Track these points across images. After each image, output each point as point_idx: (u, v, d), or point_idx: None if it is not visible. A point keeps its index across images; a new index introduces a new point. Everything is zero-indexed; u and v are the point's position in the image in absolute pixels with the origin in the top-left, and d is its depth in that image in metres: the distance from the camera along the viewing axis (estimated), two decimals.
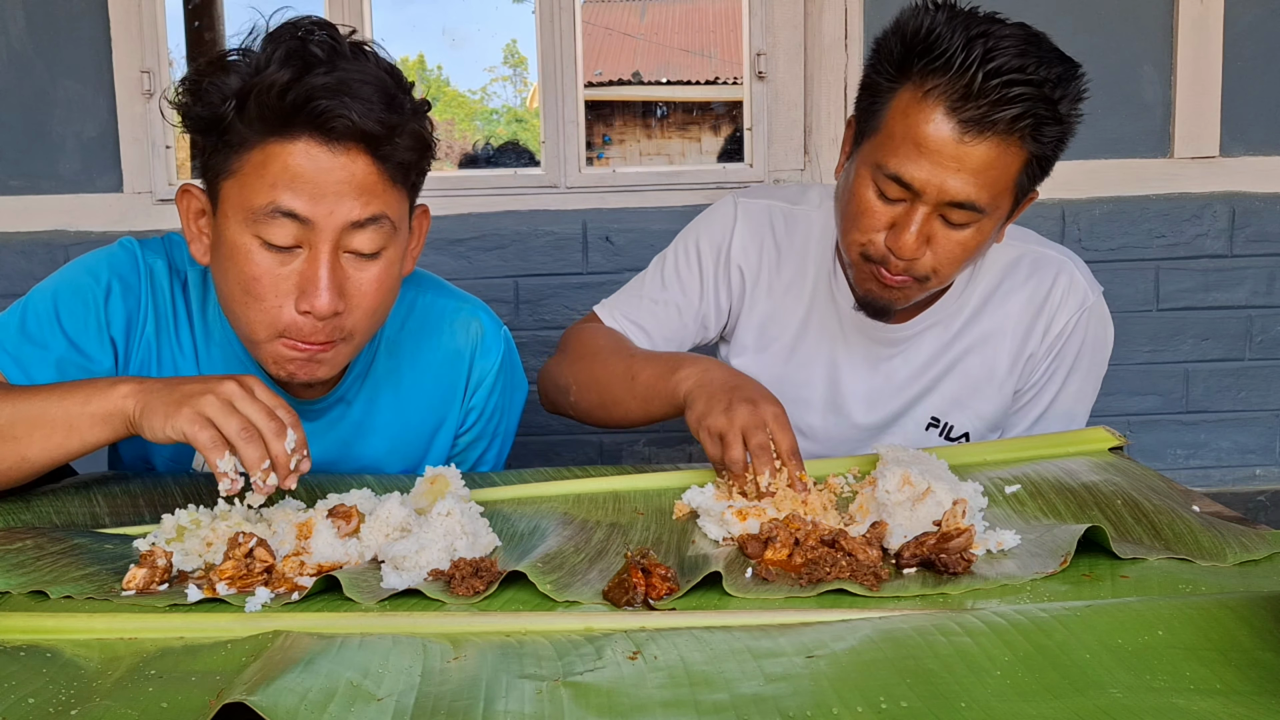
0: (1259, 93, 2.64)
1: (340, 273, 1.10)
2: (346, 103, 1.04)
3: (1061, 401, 1.44)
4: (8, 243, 2.56)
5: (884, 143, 1.22)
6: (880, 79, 1.23)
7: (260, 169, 1.06)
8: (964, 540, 0.89)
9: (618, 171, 2.68)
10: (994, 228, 1.26)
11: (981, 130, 1.16)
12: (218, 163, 1.09)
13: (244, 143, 1.07)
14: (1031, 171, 1.23)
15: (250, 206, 1.07)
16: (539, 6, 2.59)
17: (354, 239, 1.09)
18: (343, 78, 1.05)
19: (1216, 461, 2.77)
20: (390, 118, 1.07)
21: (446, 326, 1.35)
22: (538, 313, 2.63)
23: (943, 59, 1.15)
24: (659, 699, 0.66)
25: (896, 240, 1.23)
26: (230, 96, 1.06)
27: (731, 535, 0.99)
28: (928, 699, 0.63)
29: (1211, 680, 0.66)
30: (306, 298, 1.08)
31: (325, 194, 1.06)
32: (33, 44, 2.53)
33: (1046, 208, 2.65)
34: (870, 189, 1.24)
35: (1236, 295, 2.70)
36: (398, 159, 1.10)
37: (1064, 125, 1.21)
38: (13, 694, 0.69)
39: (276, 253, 1.08)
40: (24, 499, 1.11)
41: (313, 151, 1.06)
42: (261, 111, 1.04)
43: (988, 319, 1.42)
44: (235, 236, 1.09)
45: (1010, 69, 1.14)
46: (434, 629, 0.80)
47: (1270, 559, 0.92)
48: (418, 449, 1.36)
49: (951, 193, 1.19)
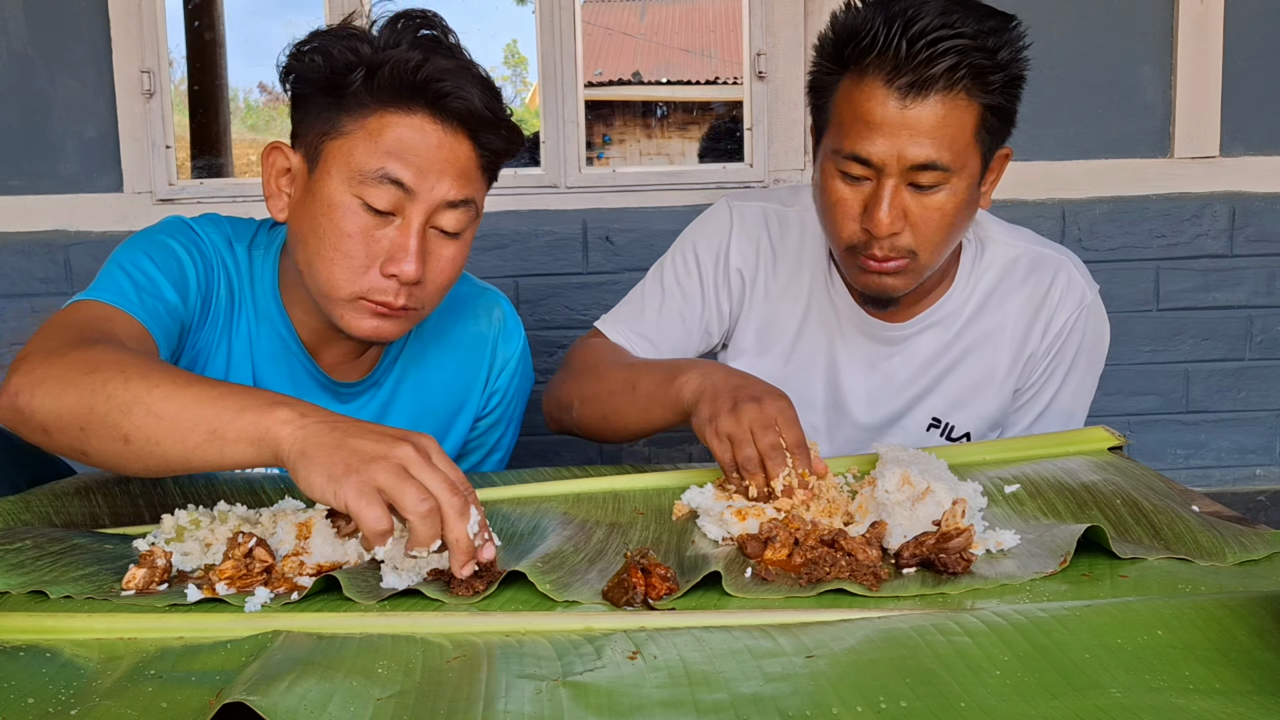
0: (1259, 93, 2.64)
1: (426, 245, 1.16)
2: (465, 87, 1.13)
3: (1061, 399, 1.44)
4: (8, 243, 2.56)
5: (836, 131, 1.25)
6: (822, 76, 1.28)
7: (375, 135, 1.13)
8: (963, 540, 0.89)
9: (618, 171, 2.68)
10: (968, 189, 1.26)
11: (921, 91, 1.18)
12: (325, 121, 1.15)
13: (363, 108, 1.13)
14: (990, 124, 1.24)
15: (358, 168, 1.13)
16: (539, 6, 2.60)
17: (443, 217, 1.16)
18: (461, 65, 1.15)
19: (1216, 461, 2.77)
20: (497, 107, 1.16)
21: (470, 311, 1.40)
22: (538, 313, 2.63)
23: (868, 38, 1.20)
24: (658, 699, 0.66)
25: (871, 219, 1.23)
26: (362, 64, 1.12)
27: (731, 535, 0.99)
28: (927, 699, 0.63)
29: (1211, 680, 0.66)
30: (395, 262, 1.14)
31: (430, 169, 1.13)
32: (33, 44, 2.53)
33: (1046, 208, 2.65)
34: (836, 179, 1.26)
35: (1236, 295, 2.70)
36: (494, 148, 1.18)
37: (1007, 71, 1.21)
38: (13, 694, 0.69)
39: (374, 215, 1.14)
40: (24, 499, 1.11)
41: (426, 128, 1.13)
42: (392, 82, 1.12)
43: (987, 318, 1.42)
44: (335, 194, 1.14)
45: (933, 27, 1.17)
46: (434, 629, 0.80)
47: (1270, 559, 0.92)
48: (438, 431, 1.38)
49: (911, 156, 1.20)
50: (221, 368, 1.27)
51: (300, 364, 1.29)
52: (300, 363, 1.29)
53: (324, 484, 0.85)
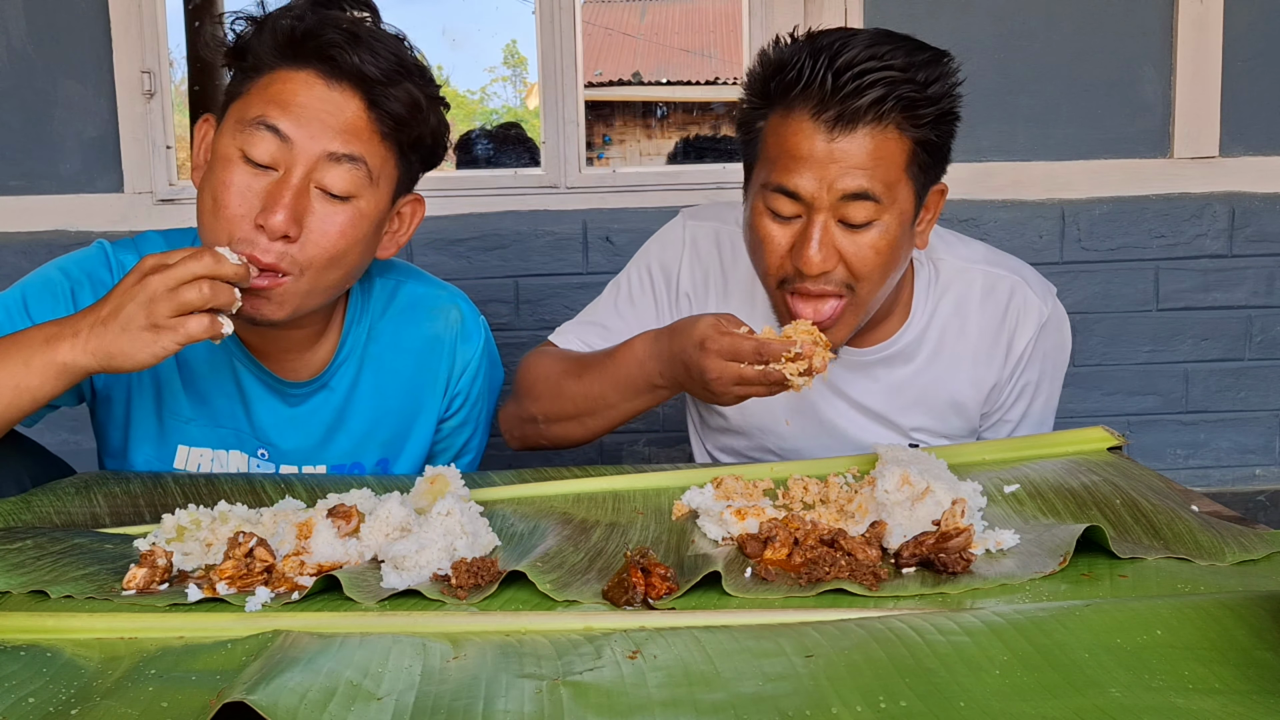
0: (1259, 93, 2.64)
1: (303, 202, 1.14)
2: (355, 46, 1.14)
3: (1032, 413, 1.45)
4: (8, 243, 2.56)
5: (764, 165, 1.23)
6: (750, 112, 1.26)
7: (263, 90, 1.16)
8: (963, 540, 0.89)
9: (618, 171, 2.68)
10: (900, 226, 1.22)
11: (848, 124, 1.17)
12: (233, 87, 1.18)
13: (259, 68, 1.16)
14: (922, 161, 1.21)
15: (242, 118, 1.15)
16: (539, 6, 2.59)
17: (327, 175, 1.15)
18: (359, 29, 1.16)
19: (1216, 461, 2.77)
20: (391, 72, 1.15)
21: (425, 313, 1.37)
22: (538, 313, 2.63)
23: (794, 71, 1.18)
24: (658, 698, 0.66)
25: (801, 257, 1.20)
26: (255, 25, 1.17)
27: (731, 535, 0.99)
28: (927, 698, 0.63)
29: (1210, 679, 0.66)
30: (265, 213, 1.13)
31: (311, 120, 1.14)
32: (33, 44, 2.53)
33: (1046, 208, 2.65)
34: (765, 216, 1.23)
35: (1236, 295, 2.70)
36: (390, 110, 1.16)
37: (939, 106, 1.19)
38: (13, 694, 0.69)
39: (252, 168, 1.14)
40: (24, 499, 1.11)
41: (311, 81, 1.15)
42: (275, 38, 1.14)
43: (948, 349, 1.40)
44: (222, 148, 1.16)
45: (860, 59, 1.16)
46: (434, 629, 0.80)
47: (1269, 559, 0.92)
48: (397, 435, 1.37)
49: (840, 187, 1.18)
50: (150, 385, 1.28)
51: (243, 366, 1.28)
52: (242, 365, 1.28)
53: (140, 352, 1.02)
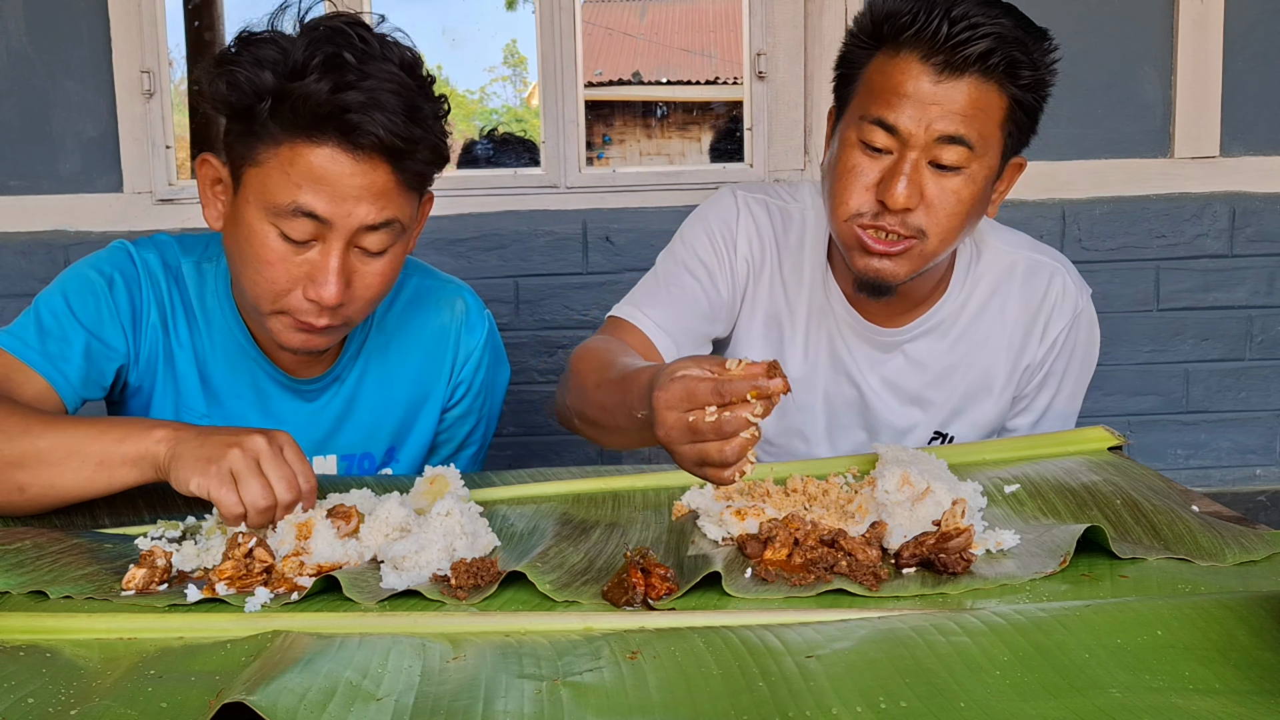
0: (1259, 93, 2.64)
1: (349, 267, 1.16)
2: (375, 117, 1.09)
3: (1057, 405, 1.45)
4: (8, 243, 2.56)
5: (865, 99, 1.25)
6: (855, 49, 1.28)
7: (286, 165, 1.11)
8: (963, 540, 0.89)
9: (618, 171, 2.68)
10: (985, 180, 1.25)
11: (956, 71, 1.19)
12: (243, 148, 1.15)
13: (272, 137, 1.12)
14: (1017, 119, 1.25)
15: (273, 202, 1.12)
16: (539, 6, 2.59)
17: (365, 238, 1.16)
18: (373, 89, 1.09)
19: (1216, 461, 2.77)
20: (412, 131, 1.12)
21: (431, 305, 1.40)
22: (538, 313, 2.63)
23: (909, 16, 1.21)
24: (658, 699, 0.66)
25: (888, 191, 1.22)
26: (266, 95, 1.10)
27: (731, 535, 0.99)
28: (927, 699, 0.63)
29: (1210, 680, 0.66)
30: (315, 287, 1.15)
31: (345, 197, 1.12)
32: (33, 44, 2.53)
33: (1047, 208, 2.65)
34: (855, 148, 1.25)
35: (1236, 295, 2.70)
36: (415, 169, 1.16)
37: (1038, 71, 1.23)
38: (13, 694, 0.69)
39: (292, 245, 1.14)
40: None
41: (338, 157, 1.11)
42: (295, 117, 1.09)
43: (984, 326, 1.42)
44: (254, 222, 1.14)
45: (973, 14, 1.19)
46: (434, 629, 0.80)
47: (1269, 559, 0.92)
48: (403, 424, 1.39)
49: (939, 128, 1.20)
50: (170, 381, 1.30)
51: (259, 367, 1.31)
52: (258, 365, 1.31)
53: (188, 477, 0.99)
